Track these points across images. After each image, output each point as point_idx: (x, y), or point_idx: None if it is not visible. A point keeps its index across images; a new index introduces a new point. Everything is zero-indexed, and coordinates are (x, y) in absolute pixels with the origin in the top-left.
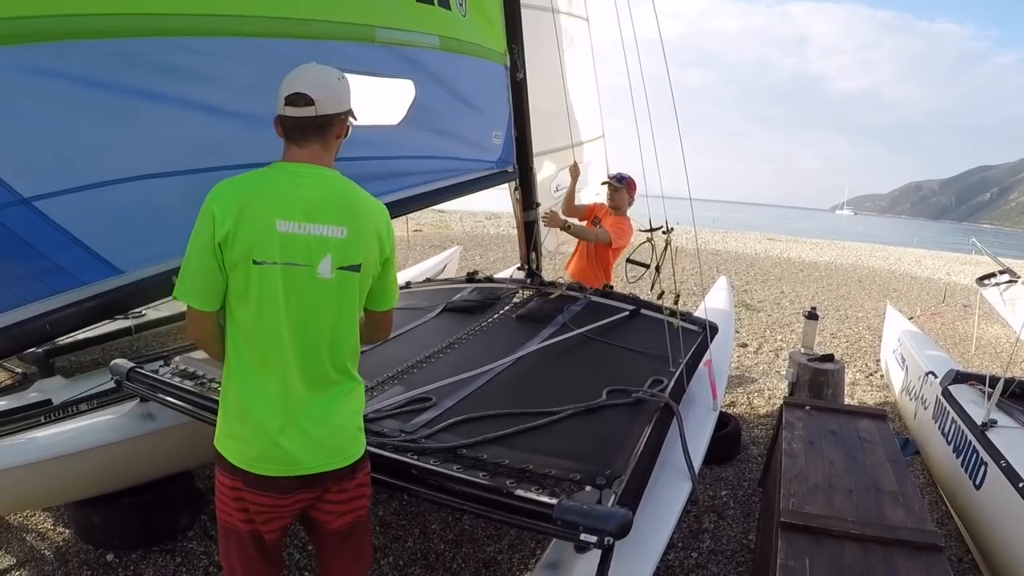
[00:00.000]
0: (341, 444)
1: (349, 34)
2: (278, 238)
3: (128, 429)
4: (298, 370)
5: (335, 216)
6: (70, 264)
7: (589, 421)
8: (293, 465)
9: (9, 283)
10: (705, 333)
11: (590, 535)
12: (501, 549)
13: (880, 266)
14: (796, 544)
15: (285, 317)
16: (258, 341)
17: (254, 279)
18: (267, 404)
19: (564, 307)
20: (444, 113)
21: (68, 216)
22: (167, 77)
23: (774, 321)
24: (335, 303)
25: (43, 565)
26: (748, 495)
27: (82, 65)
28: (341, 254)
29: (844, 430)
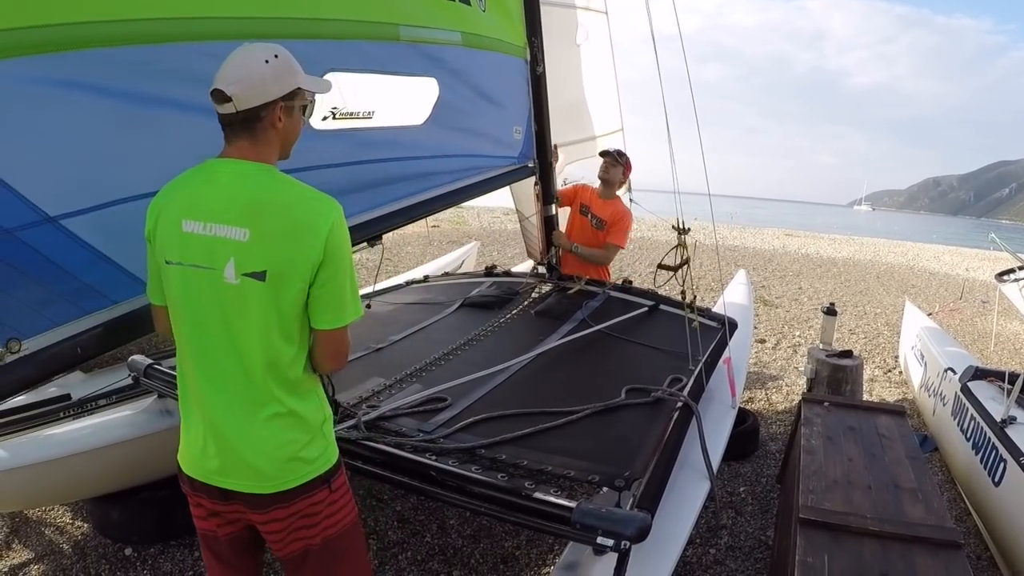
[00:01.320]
0: (258, 468)
1: (373, 33)
2: (182, 238)
3: (146, 425)
4: (204, 378)
5: (236, 216)
6: (100, 283)
7: (608, 420)
8: (204, 473)
9: (38, 306)
10: (724, 330)
11: (607, 539)
12: (519, 545)
13: (898, 262)
14: (815, 540)
15: (189, 320)
16: (179, 342)
17: (169, 279)
18: (185, 406)
19: (583, 303)
20: (467, 110)
21: (95, 233)
22: (187, 84)
23: (792, 317)
24: (242, 313)
25: (61, 559)
26: (766, 491)
27: (101, 75)
28: (243, 259)
29: (863, 426)
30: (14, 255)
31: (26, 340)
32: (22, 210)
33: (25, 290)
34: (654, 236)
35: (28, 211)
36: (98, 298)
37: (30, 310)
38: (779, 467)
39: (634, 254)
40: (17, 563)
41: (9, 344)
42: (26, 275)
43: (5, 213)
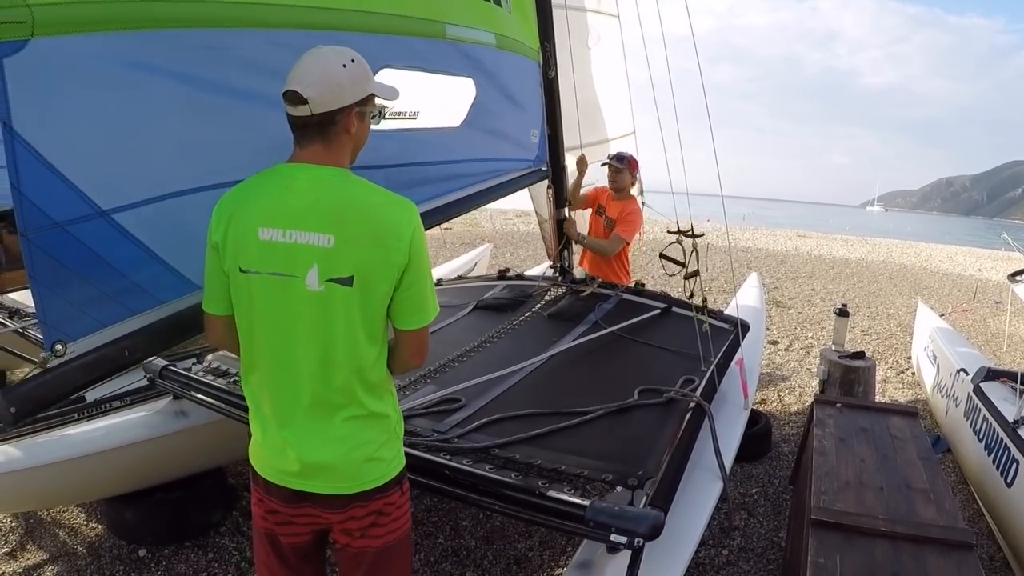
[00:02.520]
0: (338, 469)
1: (422, 30)
2: (260, 247)
3: (161, 426)
4: (287, 385)
5: (319, 222)
6: (148, 282)
7: (621, 421)
8: (284, 477)
9: (85, 306)
10: (737, 332)
11: (620, 536)
12: (532, 546)
13: (911, 263)
14: (827, 541)
15: (271, 329)
16: (252, 351)
17: (243, 288)
18: (261, 414)
19: (595, 305)
20: (497, 112)
21: (147, 229)
22: (251, 73)
23: (805, 318)
24: (326, 318)
25: (76, 560)
26: (779, 493)
27: (170, 58)
28: (328, 265)
29: (875, 427)
30: (64, 251)
31: (72, 343)
32: (75, 202)
33: (73, 289)
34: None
35: (81, 204)
36: (146, 298)
37: (77, 310)
38: (792, 469)
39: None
40: (32, 563)
41: (55, 347)
42: (74, 273)
43: (57, 205)
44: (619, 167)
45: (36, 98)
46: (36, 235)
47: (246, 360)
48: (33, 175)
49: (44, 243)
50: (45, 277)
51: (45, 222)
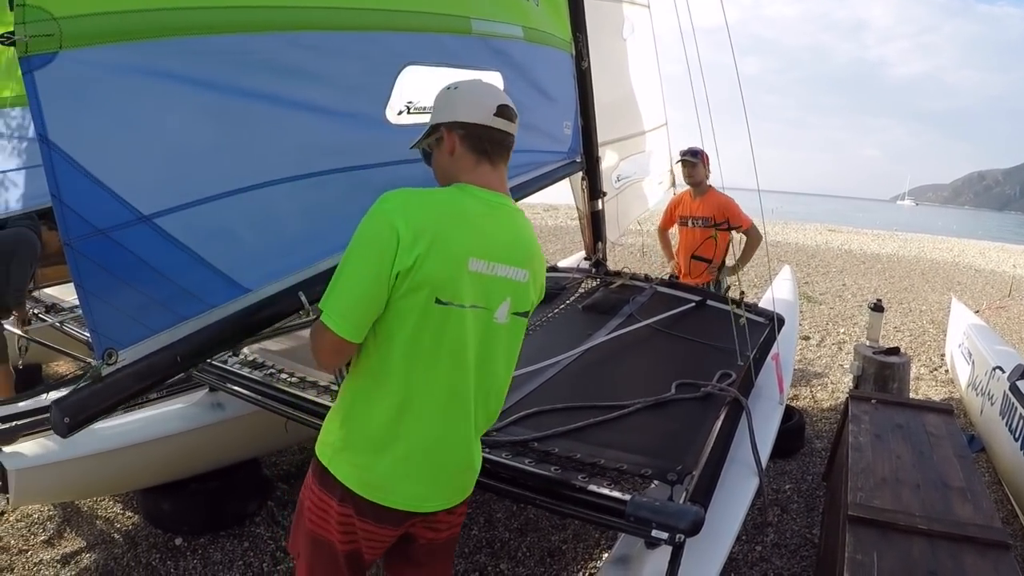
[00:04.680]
0: (469, 485)
1: (449, 26)
2: (469, 278)
3: (198, 418)
4: (456, 416)
5: (521, 258)
6: (196, 286)
7: (658, 415)
8: (418, 503)
9: (135, 313)
10: (772, 326)
11: (661, 532)
12: (566, 539)
13: (943, 258)
14: (864, 538)
15: (456, 360)
16: (417, 378)
17: (433, 319)
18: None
19: (630, 297)
20: (527, 105)
21: (190, 233)
22: (279, 76)
23: (836, 314)
24: (506, 350)
25: (113, 548)
26: (812, 489)
27: (196, 65)
28: (519, 299)
29: (910, 424)
30: (109, 258)
31: (123, 350)
32: (116, 209)
33: (121, 296)
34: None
35: (122, 210)
36: (195, 303)
37: (127, 318)
38: (825, 465)
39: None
40: (69, 552)
41: (107, 355)
42: (121, 280)
43: (99, 212)
44: (694, 161)
45: (69, 109)
46: (80, 243)
47: (395, 389)
48: (72, 184)
49: (89, 251)
50: (92, 285)
51: (88, 229)
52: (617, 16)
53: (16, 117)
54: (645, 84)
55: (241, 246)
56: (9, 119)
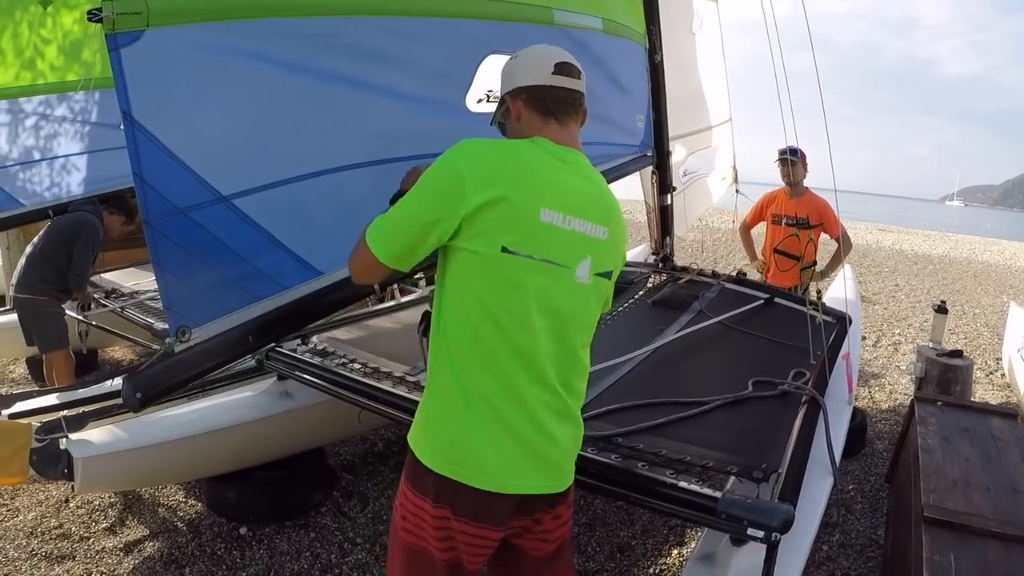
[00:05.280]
0: (564, 468)
1: (531, 16)
2: (541, 229)
3: (266, 407)
4: (536, 384)
5: (599, 214)
6: (271, 267)
7: (736, 412)
8: (513, 482)
9: (209, 292)
10: (844, 325)
11: (757, 530)
12: (634, 534)
13: (995, 261)
14: (940, 539)
15: (535, 323)
16: (491, 342)
17: (499, 269)
18: (495, 413)
19: (699, 294)
20: (603, 97)
21: (267, 214)
22: (364, 60)
23: (891, 314)
24: (585, 313)
25: (176, 537)
26: (875, 490)
27: (282, 47)
28: (600, 257)
29: (976, 428)
30: (187, 237)
31: (196, 328)
32: (196, 188)
33: (197, 275)
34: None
35: (202, 189)
36: (268, 283)
37: (201, 296)
38: (887, 466)
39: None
40: (131, 539)
41: (180, 333)
42: (198, 259)
43: (179, 191)
44: (794, 160)
45: (153, 87)
46: (159, 222)
47: (477, 351)
48: (154, 162)
49: (167, 229)
50: (169, 263)
51: (168, 208)
52: (687, 10)
53: (80, 101)
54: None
55: (315, 229)
56: (72, 103)
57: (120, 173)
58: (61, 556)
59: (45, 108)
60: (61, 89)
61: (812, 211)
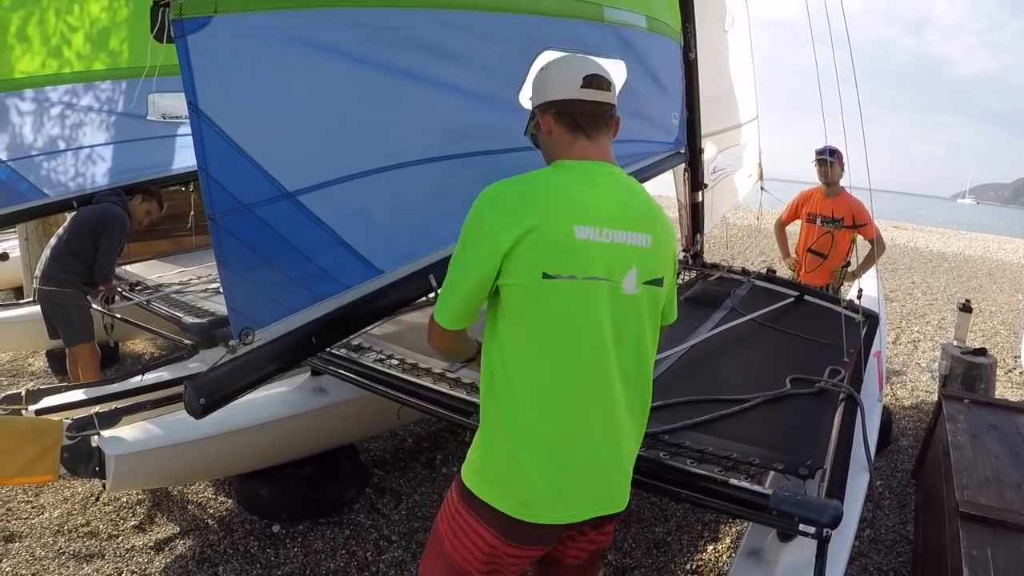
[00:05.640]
0: (623, 489)
1: (582, 13)
2: (579, 248)
3: (300, 403)
4: (594, 406)
5: (639, 222)
6: (333, 266)
7: (776, 409)
8: (571, 512)
9: (273, 292)
10: (875, 323)
11: (808, 526)
12: (669, 530)
13: (1009, 259)
14: (976, 535)
15: (586, 342)
16: (544, 370)
17: (543, 296)
18: (549, 444)
19: (730, 291)
20: (644, 94)
21: (331, 212)
22: (425, 54)
23: (908, 312)
24: (639, 325)
25: (207, 534)
26: (902, 486)
27: (348, 38)
28: (646, 266)
29: (1004, 425)
30: (252, 235)
31: (260, 330)
32: (262, 184)
33: (261, 274)
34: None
35: (268, 185)
36: (331, 283)
37: (265, 297)
38: (913, 462)
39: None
40: (162, 538)
41: (243, 334)
42: (262, 257)
43: (245, 187)
44: (830, 159)
45: (220, 77)
46: (224, 219)
47: (532, 385)
48: (220, 156)
49: (232, 227)
50: (234, 262)
51: (233, 205)
52: (720, 8)
53: (106, 90)
54: (741, 77)
55: (377, 227)
56: (99, 92)
57: (146, 164)
58: (90, 555)
59: (71, 97)
60: (88, 78)
61: (847, 211)
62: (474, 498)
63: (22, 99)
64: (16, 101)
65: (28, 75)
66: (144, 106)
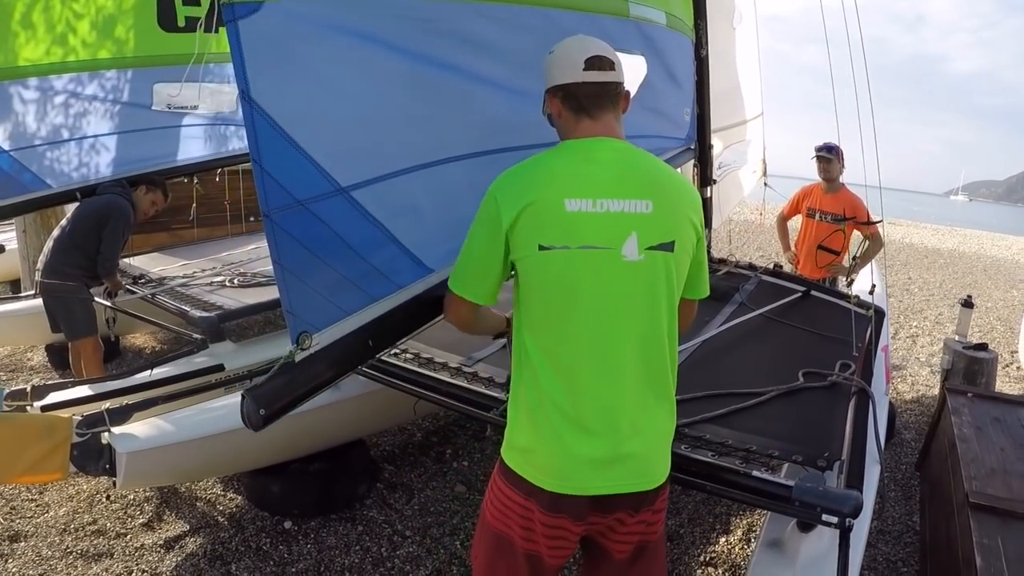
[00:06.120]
0: (650, 463)
1: (610, 8)
2: (567, 219)
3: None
4: (602, 375)
5: (637, 189)
6: (386, 265)
7: (790, 402)
8: (589, 483)
9: (328, 293)
10: (883, 318)
11: (831, 516)
12: (682, 523)
13: (1003, 256)
14: (986, 524)
15: (588, 310)
16: (550, 339)
17: (542, 268)
18: (562, 413)
19: (739, 285)
20: (660, 90)
21: (382, 208)
22: (465, 46)
23: (906, 307)
24: (650, 290)
25: (218, 531)
26: (907, 478)
27: (394, 29)
28: (649, 232)
29: (1007, 418)
30: (307, 232)
31: (317, 334)
32: (316, 178)
33: (316, 274)
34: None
35: (322, 180)
36: (385, 283)
37: (321, 298)
38: (917, 455)
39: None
40: (171, 536)
41: (301, 339)
42: (317, 256)
43: (299, 182)
44: (830, 157)
45: (272, 65)
46: (280, 215)
47: (546, 355)
48: (274, 149)
49: (288, 224)
50: (290, 262)
51: (288, 201)
52: (729, 5)
53: (111, 79)
54: (747, 73)
55: (424, 224)
56: (104, 81)
57: (150, 154)
58: (98, 554)
59: (75, 86)
60: (93, 67)
61: (846, 207)
62: (506, 467)
63: (26, 87)
64: (20, 89)
65: (32, 63)
66: (149, 96)
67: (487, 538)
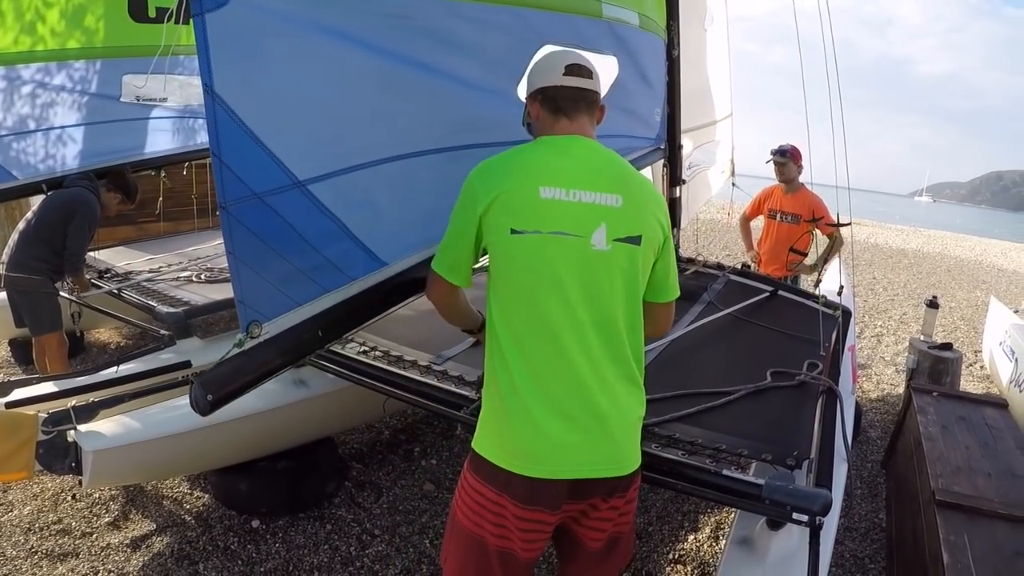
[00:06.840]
0: (622, 447)
1: (583, 8)
2: (543, 205)
3: (280, 396)
4: (567, 359)
5: (607, 183)
6: (339, 258)
7: (759, 401)
8: (564, 466)
9: (280, 284)
10: (849, 318)
11: (800, 514)
12: (651, 520)
13: (966, 256)
14: (952, 521)
15: (555, 294)
16: (520, 323)
17: (513, 251)
18: (534, 394)
19: (707, 285)
20: (632, 91)
21: (339, 202)
22: (436, 44)
23: (870, 307)
24: (613, 280)
25: (185, 531)
26: (872, 476)
27: (365, 26)
28: (617, 224)
29: (971, 416)
30: (262, 224)
31: (268, 323)
32: (274, 172)
33: (269, 265)
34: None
35: (280, 173)
36: (337, 275)
37: (273, 288)
38: (882, 453)
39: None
40: (138, 535)
41: (251, 328)
42: (271, 248)
43: (257, 175)
44: (783, 160)
45: (237, 60)
46: (236, 207)
47: (516, 339)
48: (234, 142)
49: (243, 216)
50: (244, 253)
51: (245, 193)
52: (701, 6)
53: (80, 69)
54: (717, 74)
55: (381, 218)
56: (72, 71)
57: (119, 147)
58: (64, 554)
59: (43, 76)
60: (61, 57)
61: (806, 207)
62: (477, 457)
63: None
64: None
65: (0, 52)
66: (118, 87)
67: (458, 539)
